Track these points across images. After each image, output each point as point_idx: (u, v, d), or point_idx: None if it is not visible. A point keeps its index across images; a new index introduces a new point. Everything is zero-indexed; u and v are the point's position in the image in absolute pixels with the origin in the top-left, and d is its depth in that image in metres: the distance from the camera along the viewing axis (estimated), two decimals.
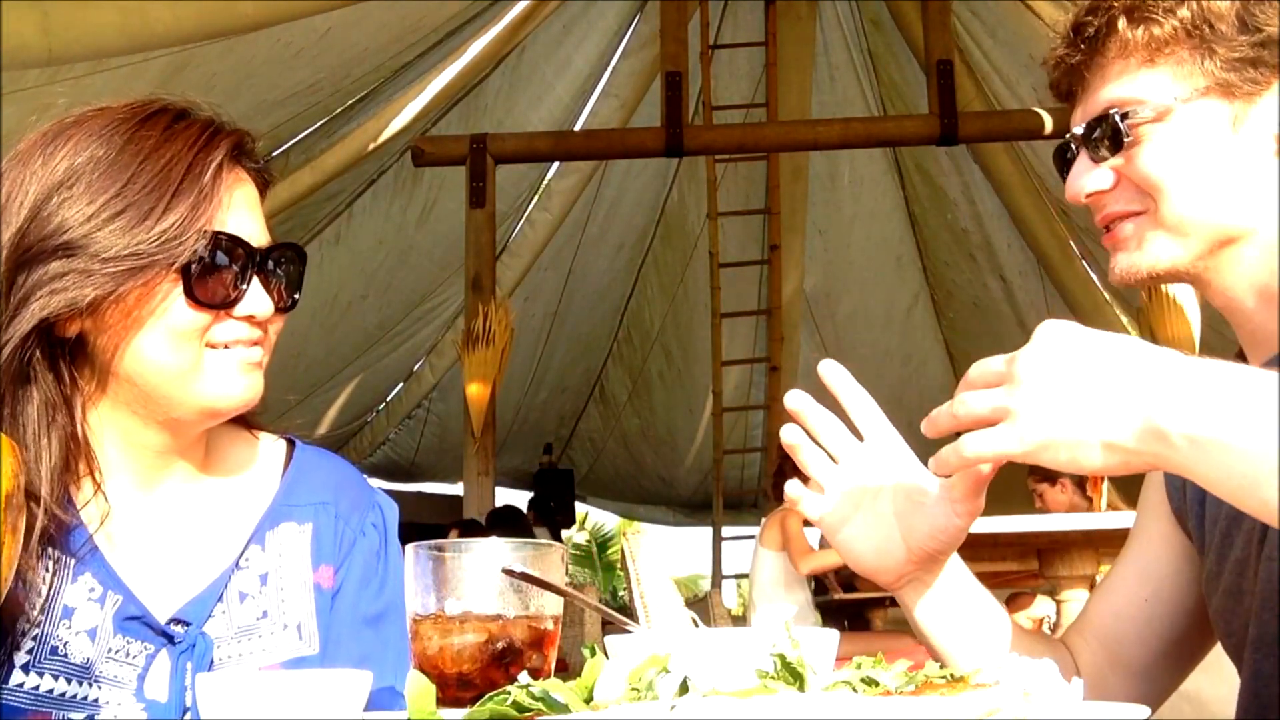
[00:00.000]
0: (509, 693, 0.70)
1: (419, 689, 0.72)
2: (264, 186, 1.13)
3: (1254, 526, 1.08)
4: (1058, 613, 3.75)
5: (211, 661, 1.09)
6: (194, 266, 1.04)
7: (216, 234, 1.05)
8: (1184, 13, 1.07)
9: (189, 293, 1.04)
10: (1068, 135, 1.16)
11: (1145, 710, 0.64)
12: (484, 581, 0.86)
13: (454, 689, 0.83)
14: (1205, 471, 0.81)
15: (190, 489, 1.15)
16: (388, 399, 11.23)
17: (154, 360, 1.05)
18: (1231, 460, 0.79)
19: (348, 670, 0.86)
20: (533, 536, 8.31)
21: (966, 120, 7.25)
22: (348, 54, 6.66)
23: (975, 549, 3.98)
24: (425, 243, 9.02)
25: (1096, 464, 0.85)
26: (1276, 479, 0.77)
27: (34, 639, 1.04)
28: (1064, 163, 1.18)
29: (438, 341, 10.37)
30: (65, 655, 1.05)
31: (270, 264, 1.09)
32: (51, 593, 1.05)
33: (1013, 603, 5.18)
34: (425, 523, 8.63)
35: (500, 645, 0.84)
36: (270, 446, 1.23)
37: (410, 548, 0.89)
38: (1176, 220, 1.08)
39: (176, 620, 1.09)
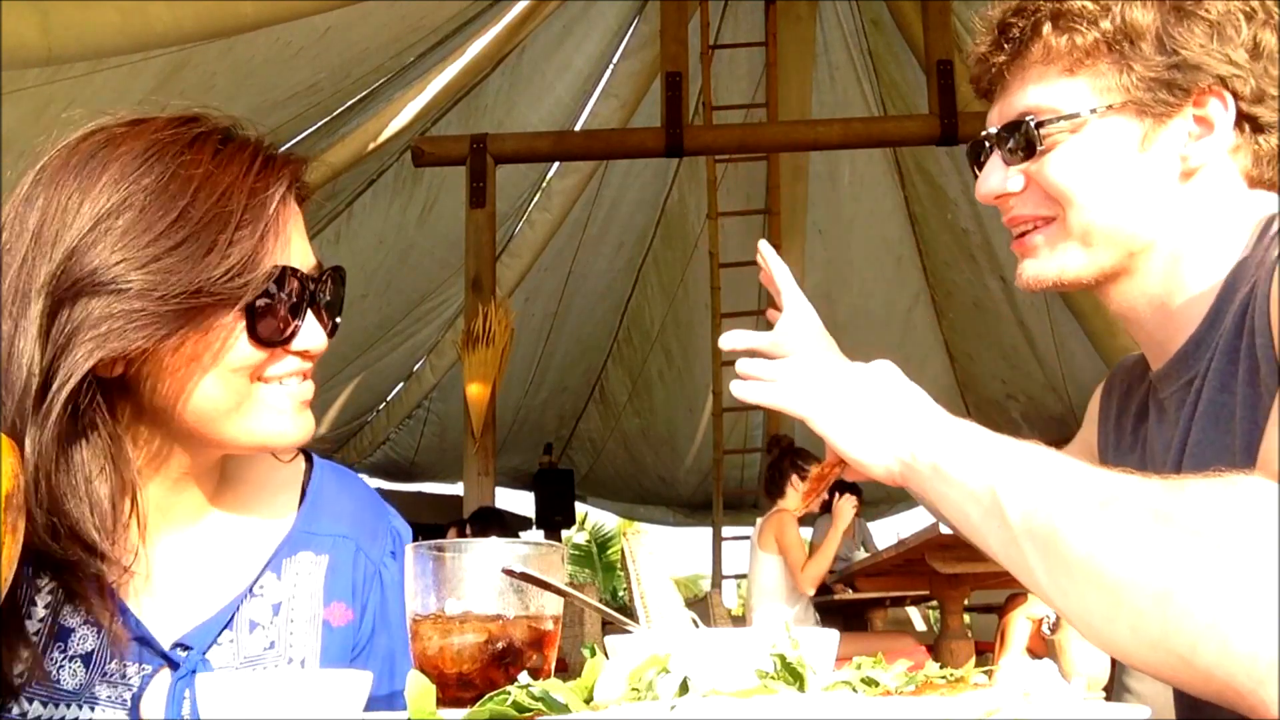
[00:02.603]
0: (509, 693, 0.69)
1: (419, 689, 0.72)
2: (301, 204, 1.08)
3: None
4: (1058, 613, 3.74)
5: None
6: (259, 304, 0.99)
7: (282, 269, 1.00)
8: (1106, 25, 1.08)
9: (251, 331, 0.99)
10: (983, 134, 1.18)
11: (1146, 710, 0.64)
12: (484, 581, 0.86)
13: (454, 689, 0.83)
14: (935, 493, 0.96)
15: (204, 516, 1.12)
16: (388, 399, 11.22)
17: (206, 399, 1.00)
18: (951, 492, 0.94)
19: (348, 670, 0.86)
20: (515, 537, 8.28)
21: (966, 120, 7.24)
22: (348, 54, 6.66)
23: (975, 549, 3.96)
24: (425, 242, 9.02)
25: (874, 468, 1.02)
26: (976, 517, 0.91)
27: (24, 662, 0.99)
28: (977, 161, 1.20)
29: (438, 341, 10.37)
30: (58, 681, 1.01)
31: (320, 293, 1.06)
32: (48, 615, 1.02)
33: (1012, 603, 5.18)
34: (425, 523, 8.63)
35: (500, 645, 0.84)
36: (287, 465, 1.18)
37: (410, 548, 0.89)
38: (1083, 229, 1.11)
39: (180, 645, 1.06)
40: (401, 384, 11.07)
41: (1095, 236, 1.11)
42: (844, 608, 7.17)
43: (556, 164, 9.06)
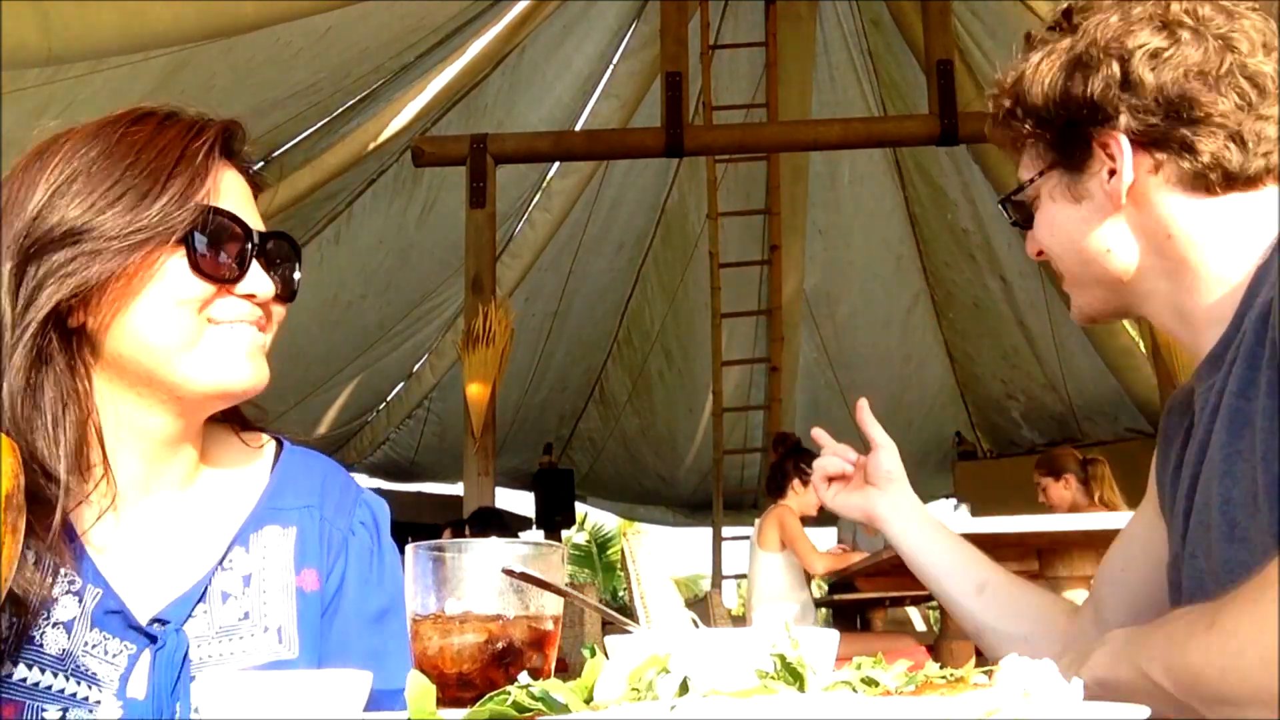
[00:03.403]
0: (509, 693, 0.69)
1: (419, 689, 0.72)
2: (256, 187, 1.18)
3: (1173, 526, 1.20)
4: None
5: (186, 659, 1.08)
6: (196, 238, 1.08)
7: (214, 209, 1.09)
8: (1018, 110, 1.24)
9: (193, 264, 1.08)
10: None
11: (1146, 710, 0.64)
12: (484, 581, 0.86)
13: (454, 689, 0.83)
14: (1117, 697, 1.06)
15: (178, 489, 1.16)
16: (388, 399, 11.23)
17: (156, 333, 1.07)
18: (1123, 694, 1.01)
19: (348, 670, 0.86)
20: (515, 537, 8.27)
21: (966, 120, 7.24)
22: (348, 54, 6.66)
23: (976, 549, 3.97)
24: (425, 242, 9.02)
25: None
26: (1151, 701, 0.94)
27: (8, 626, 1.03)
28: None
29: (438, 341, 10.37)
30: (40, 645, 1.04)
31: (269, 249, 1.14)
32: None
33: None
34: (425, 523, 8.63)
35: (500, 645, 0.84)
36: (259, 448, 1.24)
37: (410, 548, 0.89)
38: (1070, 277, 1.28)
39: (158, 620, 1.09)
40: (401, 384, 11.08)
41: (1080, 279, 1.26)
42: (847, 608, 7.17)
43: (556, 164, 9.06)
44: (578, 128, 8.99)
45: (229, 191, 1.13)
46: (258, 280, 1.11)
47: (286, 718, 0.76)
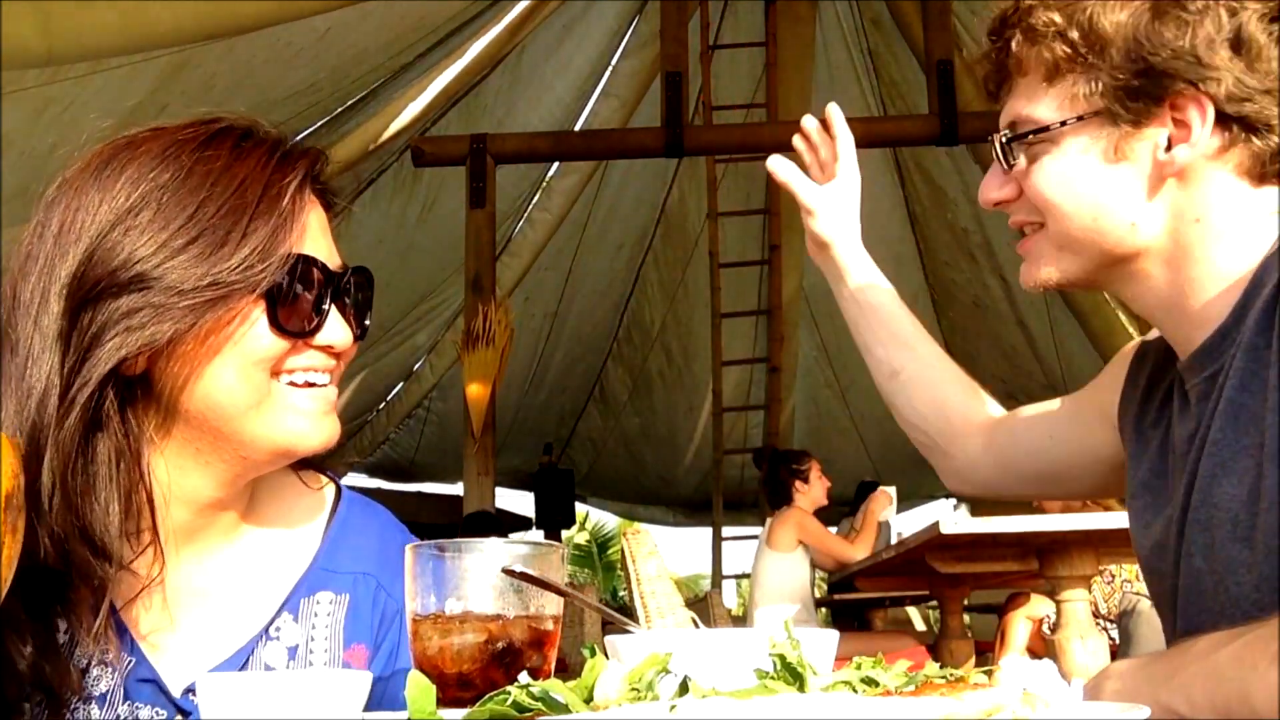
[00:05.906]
0: (509, 693, 0.69)
1: (419, 689, 0.72)
2: (329, 209, 1.08)
3: (1174, 512, 1.12)
4: (1058, 612, 3.74)
5: None
6: (279, 292, 0.98)
7: (299, 257, 1.00)
8: (1074, 35, 1.07)
9: (272, 319, 0.98)
10: (990, 137, 1.19)
11: (1145, 710, 0.64)
12: (484, 581, 0.86)
13: (454, 689, 0.83)
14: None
15: (225, 547, 1.08)
16: (388, 399, 11.22)
17: (226, 392, 0.98)
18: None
19: (348, 670, 0.85)
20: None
21: (966, 120, 7.24)
22: (348, 54, 6.66)
23: (975, 549, 3.97)
24: (425, 242, 9.02)
25: None
26: None
27: (38, 704, 0.97)
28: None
29: (438, 341, 10.37)
30: None
31: (346, 287, 1.05)
32: (63, 654, 0.99)
33: (1012, 603, 5.17)
34: (425, 523, 8.62)
35: (500, 645, 0.84)
36: (315, 494, 1.15)
37: (410, 548, 0.88)
38: (1063, 239, 1.13)
39: (192, 690, 1.02)
40: (401, 384, 11.07)
41: (1075, 245, 1.13)
42: (847, 607, 7.17)
43: (556, 164, 9.06)
44: (577, 127, 8.99)
45: (312, 231, 1.02)
46: (335, 330, 1.03)
47: (286, 718, 0.76)
